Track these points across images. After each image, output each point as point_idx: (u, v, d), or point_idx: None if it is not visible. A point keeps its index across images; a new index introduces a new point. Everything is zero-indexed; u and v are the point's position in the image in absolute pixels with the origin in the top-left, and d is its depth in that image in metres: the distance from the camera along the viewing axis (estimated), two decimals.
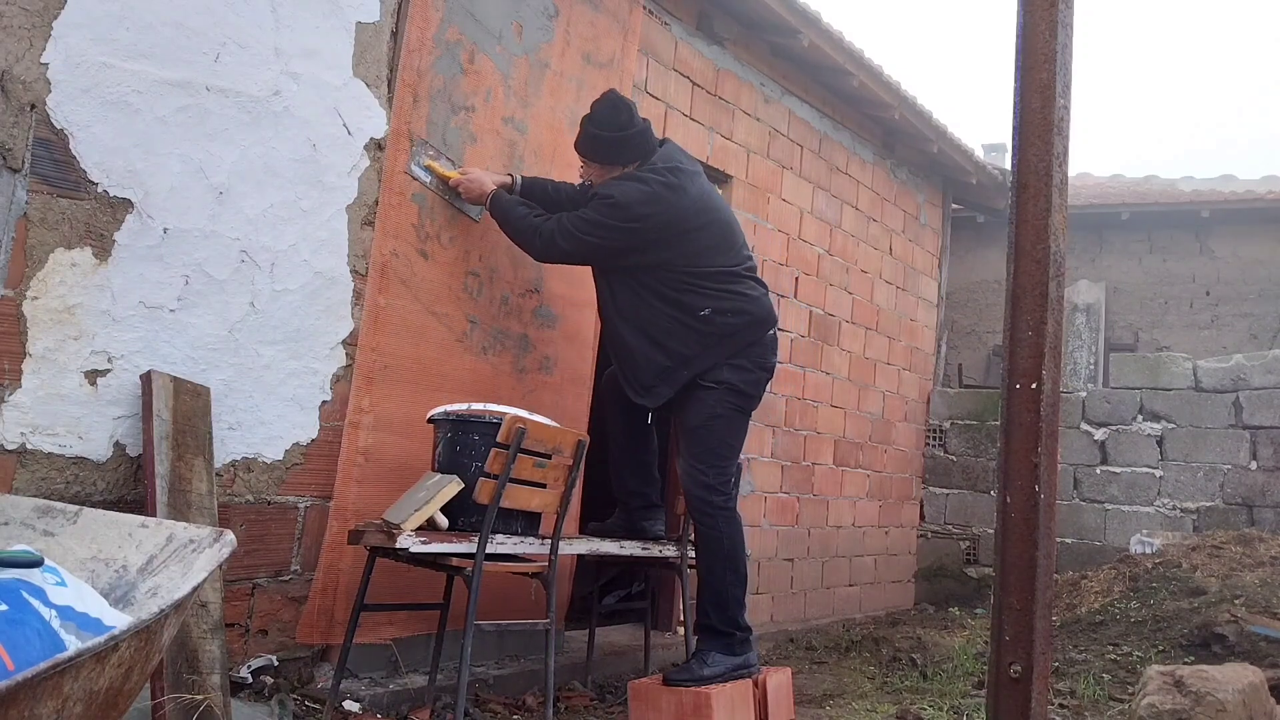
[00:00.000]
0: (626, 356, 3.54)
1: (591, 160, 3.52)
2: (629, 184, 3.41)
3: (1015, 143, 1.82)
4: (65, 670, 1.34)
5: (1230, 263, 9.87)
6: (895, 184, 6.94)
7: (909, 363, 7.16)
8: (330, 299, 3.25)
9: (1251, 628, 4.20)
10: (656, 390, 3.50)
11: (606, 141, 3.44)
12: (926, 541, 7.39)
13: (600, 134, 3.44)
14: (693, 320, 3.44)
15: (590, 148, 3.49)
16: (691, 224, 3.44)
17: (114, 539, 1.92)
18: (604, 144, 3.45)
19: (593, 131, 3.45)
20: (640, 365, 3.49)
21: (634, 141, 3.46)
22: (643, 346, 3.48)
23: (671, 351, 3.46)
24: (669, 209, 3.40)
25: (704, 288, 3.45)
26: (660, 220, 3.39)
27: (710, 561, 3.48)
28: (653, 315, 3.46)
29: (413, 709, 3.27)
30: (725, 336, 3.47)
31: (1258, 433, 6.55)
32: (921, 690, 4.31)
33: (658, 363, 3.47)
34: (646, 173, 3.44)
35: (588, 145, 3.49)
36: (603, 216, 3.38)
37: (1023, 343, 1.76)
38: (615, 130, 3.42)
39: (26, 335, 2.54)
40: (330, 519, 3.23)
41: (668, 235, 3.40)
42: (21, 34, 2.50)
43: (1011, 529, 1.73)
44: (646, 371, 3.49)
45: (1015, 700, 1.68)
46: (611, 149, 3.46)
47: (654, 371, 3.48)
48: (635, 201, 3.37)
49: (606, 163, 3.48)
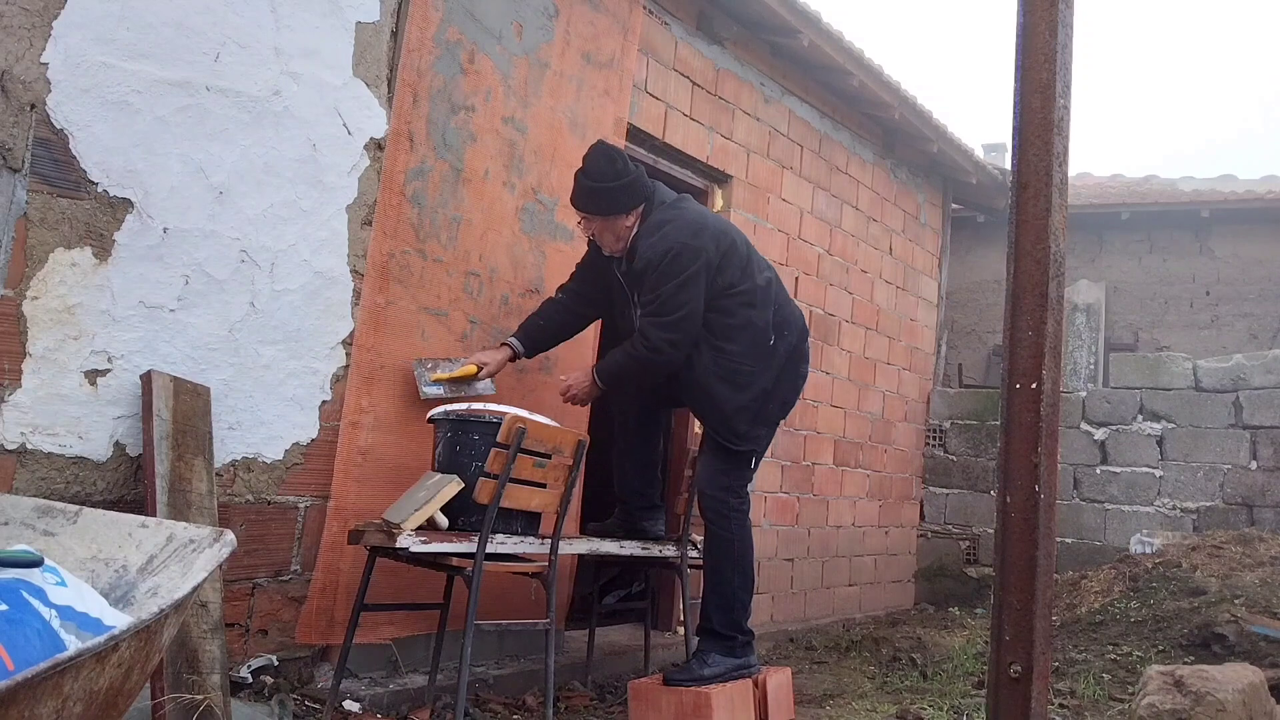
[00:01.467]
0: (710, 406, 3.47)
1: (593, 214, 3.44)
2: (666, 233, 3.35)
3: (1015, 143, 1.82)
4: (65, 670, 1.34)
5: (1230, 263, 9.86)
6: (895, 184, 6.94)
7: (909, 363, 7.16)
8: (330, 299, 3.25)
9: (1251, 628, 4.20)
10: (754, 434, 3.50)
11: (605, 193, 3.38)
12: (926, 541, 7.38)
13: (597, 186, 3.38)
14: (765, 352, 3.44)
15: (590, 202, 3.43)
16: (724, 242, 3.43)
17: (114, 539, 1.92)
18: (603, 195, 3.39)
19: (589, 185, 3.40)
20: (727, 413, 3.43)
21: (632, 188, 3.40)
22: (729, 393, 3.42)
23: (756, 394, 3.44)
24: (711, 229, 3.42)
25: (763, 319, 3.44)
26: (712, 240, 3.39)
27: (720, 564, 3.46)
28: (735, 361, 3.41)
29: (413, 709, 3.27)
30: (788, 356, 3.52)
31: (1258, 433, 6.55)
32: (921, 690, 4.31)
33: (747, 408, 3.43)
34: (664, 213, 3.42)
35: (586, 200, 3.43)
36: (677, 280, 3.30)
37: (1023, 343, 1.76)
38: (611, 180, 3.37)
39: (26, 335, 2.54)
40: (329, 519, 3.23)
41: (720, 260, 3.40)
42: (21, 34, 2.50)
43: (1011, 529, 1.73)
44: (739, 418, 3.43)
45: (1015, 700, 1.68)
46: (611, 199, 3.39)
47: (747, 417, 3.44)
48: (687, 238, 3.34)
49: (608, 214, 3.42)
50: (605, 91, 4.30)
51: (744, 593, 3.47)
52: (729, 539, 3.46)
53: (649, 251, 3.35)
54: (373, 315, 3.36)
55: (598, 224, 3.46)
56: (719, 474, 3.47)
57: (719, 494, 3.46)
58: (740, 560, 3.47)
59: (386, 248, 3.39)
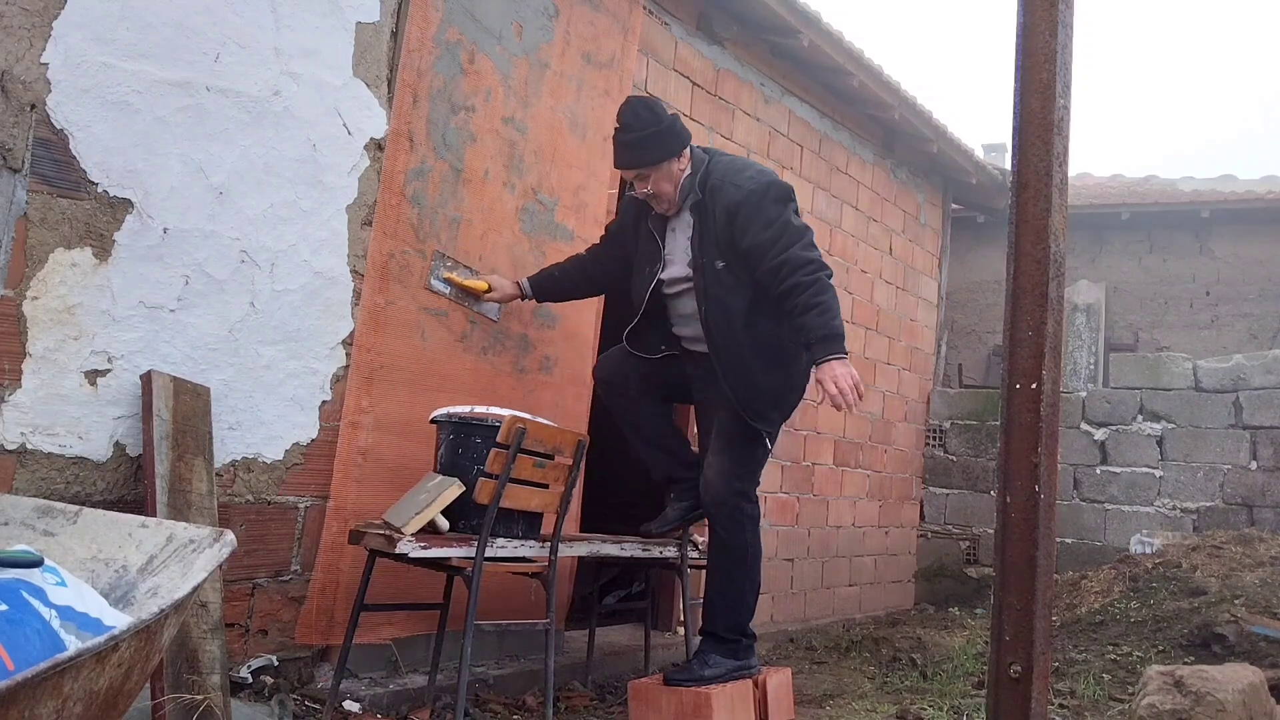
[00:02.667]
0: (743, 376, 3.26)
1: (645, 166, 3.25)
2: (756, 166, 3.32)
3: (1015, 143, 1.82)
4: (65, 670, 1.34)
5: (1230, 263, 9.86)
6: (895, 184, 6.94)
7: (909, 363, 7.16)
8: (330, 299, 3.25)
9: (1251, 628, 4.20)
10: (770, 418, 3.35)
11: (653, 138, 3.22)
12: (926, 541, 7.38)
13: (644, 134, 3.22)
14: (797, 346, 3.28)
15: (640, 154, 3.24)
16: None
17: (114, 539, 1.92)
18: (652, 141, 3.22)
19: (635, 137, 3.22)
20: (760, 389, 3.27)
21: (675, 129, 3.27)
22: (767, 368, 3.27)
23: (789, 377, 3.34)
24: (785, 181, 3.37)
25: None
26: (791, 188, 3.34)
27: (731, 569, 3.35)
28: (778, 337, 3.27)
29: (413, 709, 3.27)
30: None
31: (1258, 433, 6.55)
32: (921, 690, 4.31)
33: (777, 389, 3.31)
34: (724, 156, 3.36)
35: (637, 153, 3.24)
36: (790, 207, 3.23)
37: (1023, 343, 1.76)
38: (654, 125, 3.23)
39: (26, 335, 2.54)
40: (329, 519, 3.23)
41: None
42: (21, 34, 2.50)
43: (1011, 529, 1.73)
44: (766, 396, 3.29)
45: (1015, 700, 1.68)
46: (661, 143, 3.23)
47: (773, 398, 3.32)
48: (769, 173, 3.31)
49: (658, 161, 3.24)
50: (605, 92, 4.30)
51: (752, 598, 3.39)
52: (743, 545, 3.34)
53: (746, 183, 3.20)
54: (373, 315, 3.36)
55: (652, 176, 3.26)
56: (731, 475, 3.31)
57: (733, 499, 3.32)
58: (753, 567, 3.37)
59: (386, 248, 3.39)
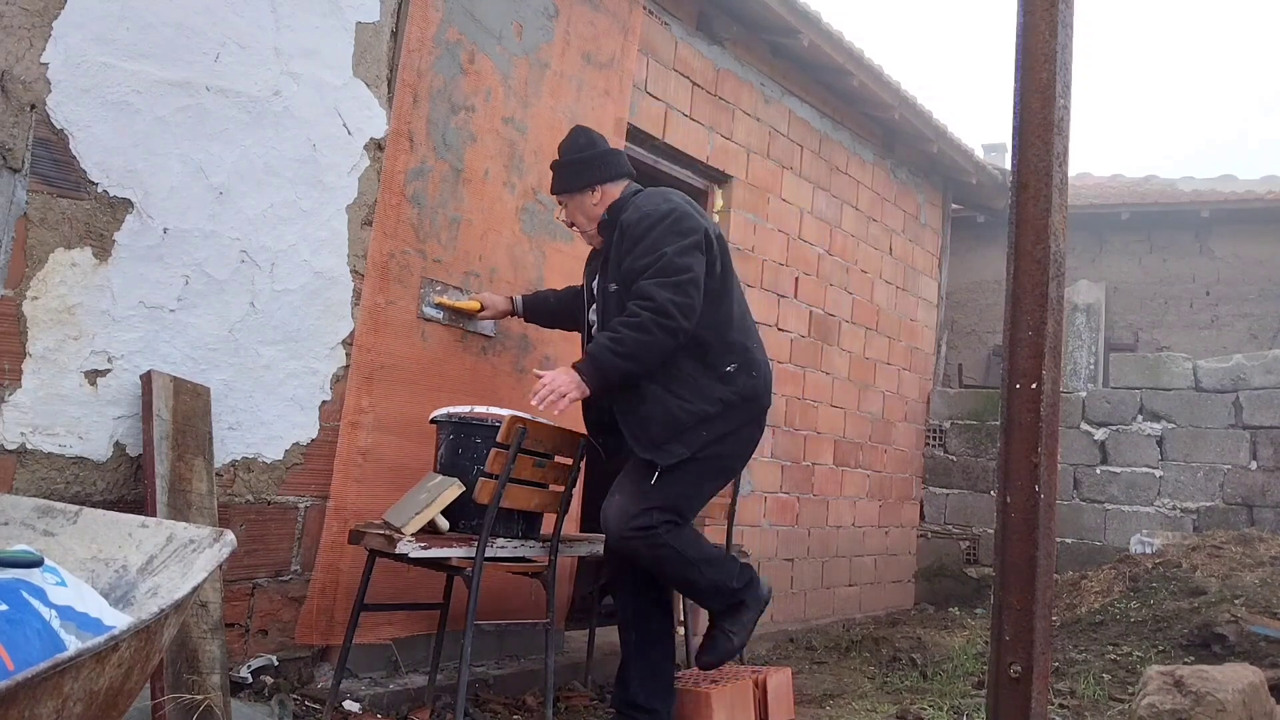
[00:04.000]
0: (633, 407, 3.04)
1: (569, 192, 3.22)
2: (667, 194, 3.09)
3: (1015, 143, 1.82)
4: (65, 670, 1.34)
5: (1230, 263, 9.86)
6: (895, 184, 6.94)
7: (909, 363, 7.16)
8: (330, 299, 3.25)
9: (1251, 628, 4.20)
10: (668, 448, 2.99)
11: (569, 165, 3.21)
12: (926, 541, 7.38)
13: (564, 160, 3.23)
14: (714, 377, 3.05)
15: (555, 179, 3.25)
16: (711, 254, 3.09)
17: (114, 539, 1.92)
18: (567, 168, 3.22)
19: (556, 162, 3.26)
20: (653, 419, 3.00)
21: (602, 159, 3.21)
22: (659, 397, 3.00)
23: (691, 410, 3.01)
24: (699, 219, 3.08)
25: (727, 337, 3.09)
26: (712, 225, 3.11)
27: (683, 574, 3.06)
28: (673, 364, 3.01)
29: (413, 709, 3.27)
30: (745, 400, 3.10)
31: (1258, 433, 6.55)
32: (921, 690, 4.31)
33: (676, 419, 3.00)
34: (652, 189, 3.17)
35: (559, 180, 3.24)
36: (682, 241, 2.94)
37: (1023, 343, 1.76)
38: (578, 151, 3.21)
39: (26, 335, 2.54)
40: (329, 519, 3.23)
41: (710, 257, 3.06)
42: (21, 34, 2.50)
43: (1011, 529, 1.73)
44: (661, 427, 3.00)
45: (1015, 700, 1.68)
46: (575, 171, 3.20)
47: (671, 428, 2.99)
48: (690, 208, 3.06)
49: (570, 189, 3.21)
50: (605, 92, 4.30)
51: (718, 571, 3.10)
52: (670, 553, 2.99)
53: (646, 205, 3.06)
54: (373, 315, 3.36)
55: (568, 205, 3.26)
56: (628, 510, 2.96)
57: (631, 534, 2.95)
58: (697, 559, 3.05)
59: (386, 248, 3.39)
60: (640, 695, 3.10)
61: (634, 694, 3.11)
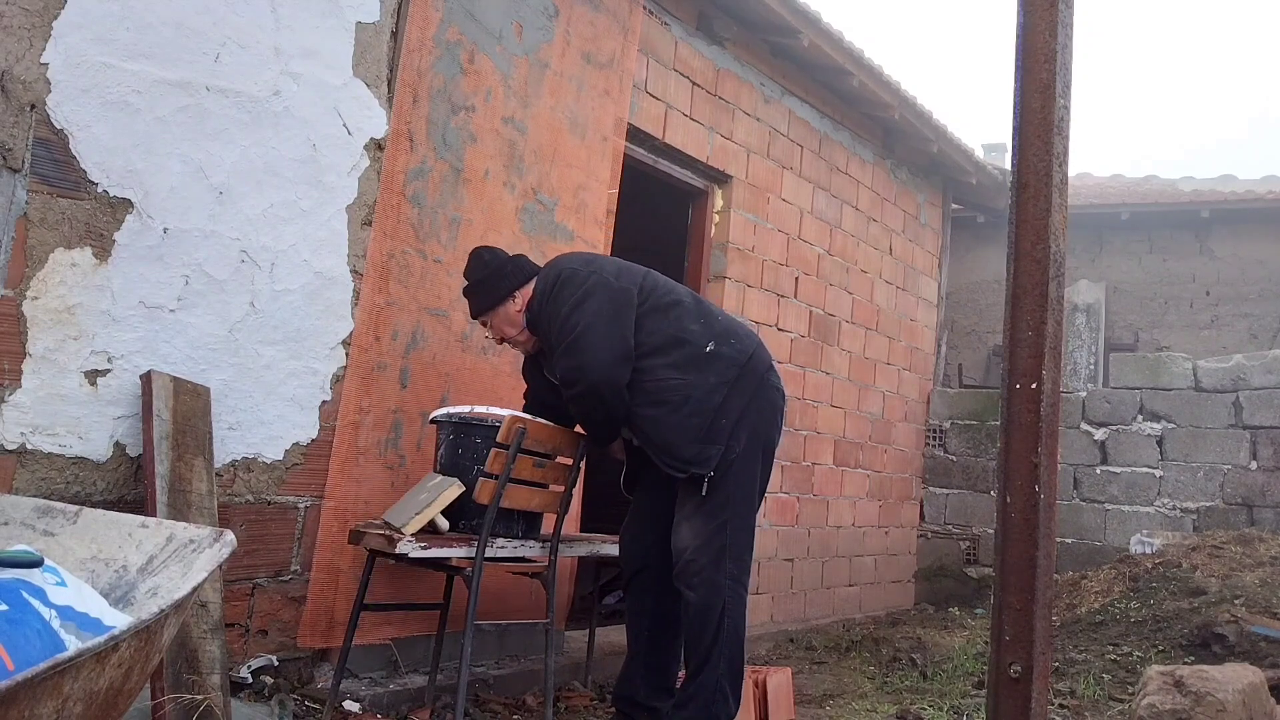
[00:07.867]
0: (650, 439, 3.02)
1: (487, 311, 3.18)
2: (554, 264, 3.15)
3: (1015, 143, 1.81)
4: (65, 670, 1.34)
5: (1230, 263, 9.86)
6: (895, 184, 6.94)
7: (909, 363, 7.16)
8: (330, 299, 3.25)
9: (1251, 628, 4.20)
10: (702, 455, 2.96)
11: (477, 285, 3.17)
12: (926, 541, 7.38)
13: (469, 284, 3.19)
14: (698, 369, 3.01)
15: (476, 303, 3.19)
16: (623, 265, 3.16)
17: (114, 539, 1.92)
18: (478, 290, 3.17)
19: (465, 290, 3.22)
20: (673, 441, 2.97)
21: (512, 264, 3.18)
22: (665, 419, 2.98)
23: (699, 410, 2.97)
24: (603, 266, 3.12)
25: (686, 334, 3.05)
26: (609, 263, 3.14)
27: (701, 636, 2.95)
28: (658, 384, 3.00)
29: (413, 709, 3.27)
30: (741, 367, 3.05)
31: (1258, 433, 6.55)
32: (921, 690, 4.31)
33: (692, 428, 2.96)
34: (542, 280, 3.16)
35: (478, 302, 3.19)
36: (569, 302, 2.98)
37: (1023, 343, 1.75)
38: (485, 269, 3.16)
39: (26, 335, 2.54)
40: (328, 519, 3.23)
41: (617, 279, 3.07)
42: (21, 34, 2.50)
43: (1011, 529, 1.73)
44: (685, 442, 2.96)
45: (1015, 700, 1.68)
46: (484, 291, 3.16)
47: (694, 438, 2.96)
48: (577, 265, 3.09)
49: (497, 303, 3.15)
50: (605, 92, 4.30)
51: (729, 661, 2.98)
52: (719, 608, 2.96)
53: (540, 288, 3.10)
54: (373, 315, 3.36)
55: (491, 323, 3.21)
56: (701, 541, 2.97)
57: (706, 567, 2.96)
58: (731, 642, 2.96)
59: (386, 248, 3.39)
60: (642, 693, 3.13)
61: (636, 691, 3.13)
